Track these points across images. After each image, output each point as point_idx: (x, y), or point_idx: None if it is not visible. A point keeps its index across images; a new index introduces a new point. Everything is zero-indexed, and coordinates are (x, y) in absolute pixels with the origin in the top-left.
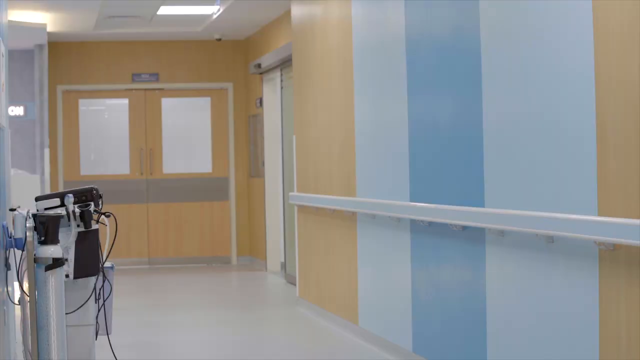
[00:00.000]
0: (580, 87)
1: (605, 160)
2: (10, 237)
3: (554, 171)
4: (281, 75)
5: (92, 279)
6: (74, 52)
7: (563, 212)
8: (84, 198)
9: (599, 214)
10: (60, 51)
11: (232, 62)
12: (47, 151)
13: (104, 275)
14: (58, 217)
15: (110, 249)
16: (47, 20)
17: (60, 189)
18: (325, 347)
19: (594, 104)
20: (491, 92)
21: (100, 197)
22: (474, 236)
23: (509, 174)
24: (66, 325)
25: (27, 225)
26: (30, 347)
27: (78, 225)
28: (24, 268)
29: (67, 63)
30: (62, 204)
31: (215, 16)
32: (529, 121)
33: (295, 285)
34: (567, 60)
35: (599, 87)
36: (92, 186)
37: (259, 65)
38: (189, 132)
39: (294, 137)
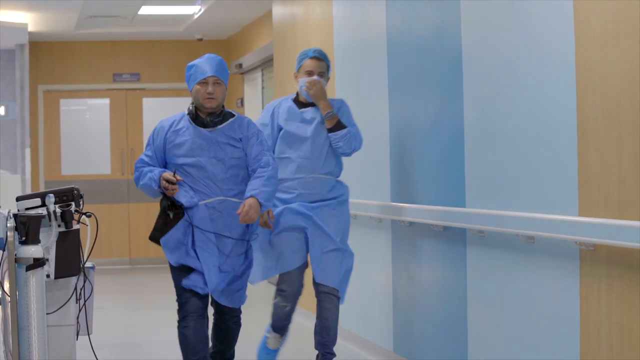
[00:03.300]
0: (562, 87)
1: (586, 161)
2: None
3: (535, 172)
4: (262, 75)
5: (73, 279)
6: (55, 52)
7: (544, 213)
8: (65, 198)
9: (580, 215)
10: (42, 51)
11: None
12: (28, 151)
13: (84, 275)
14: (39, 217)
15: (91, 249)
16: (29, 20)
17: (42, 189)
18: (305, 347)
19: (575, 104)
20: (472, 91)
21: (81, 197)
22: (455, 236)
23: (490, 175)
24: (47, 326)
25: (8, 225)
26: (11, 347)
27: (59, 225)
28: (4, 268)
29: (48, 63)
30: (43, 204)
31: (196, 16)
32: (509, 121)
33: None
34: (548, 60)
35: (580, 88)
36: (73, 186)
37: (240, 65)
38: None
39: None
